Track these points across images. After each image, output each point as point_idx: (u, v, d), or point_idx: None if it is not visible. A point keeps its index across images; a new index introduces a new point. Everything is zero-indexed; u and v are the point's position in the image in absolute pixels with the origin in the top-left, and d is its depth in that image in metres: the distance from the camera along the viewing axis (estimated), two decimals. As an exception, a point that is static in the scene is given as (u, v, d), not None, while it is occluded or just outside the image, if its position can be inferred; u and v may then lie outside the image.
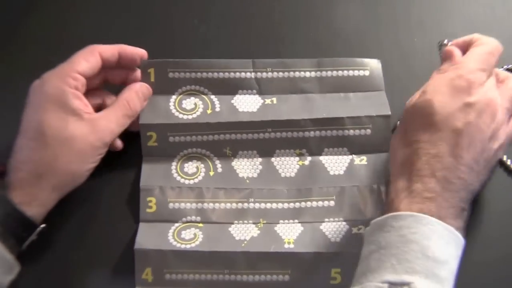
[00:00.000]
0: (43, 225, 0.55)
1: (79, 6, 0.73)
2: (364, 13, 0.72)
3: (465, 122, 0.49)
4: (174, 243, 0.58)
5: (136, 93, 0.61)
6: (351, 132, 0.62)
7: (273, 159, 0.62)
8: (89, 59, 0.58)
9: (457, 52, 0.55)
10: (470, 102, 0.50)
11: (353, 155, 0.62)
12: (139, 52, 0.62)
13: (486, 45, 0.54)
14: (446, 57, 0.55)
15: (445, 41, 0.61)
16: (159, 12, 0.72)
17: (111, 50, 0.60)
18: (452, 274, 0.45)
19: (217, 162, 0.62)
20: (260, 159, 0.62)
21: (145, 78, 0.63)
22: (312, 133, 0.62)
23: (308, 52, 0.68)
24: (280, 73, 0.64)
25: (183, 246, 0.57)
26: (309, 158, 0.62)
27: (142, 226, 0.59)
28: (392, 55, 0.68)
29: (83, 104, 0.56)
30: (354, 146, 0.62)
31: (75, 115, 0.55)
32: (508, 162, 0.61)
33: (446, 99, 0.50)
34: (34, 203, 0.54)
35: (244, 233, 0.58)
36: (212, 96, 0.64)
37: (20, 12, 0.73)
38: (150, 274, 0.57)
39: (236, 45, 0.70)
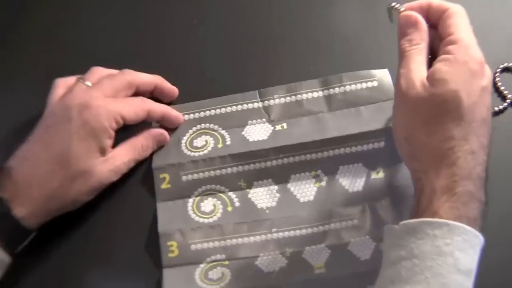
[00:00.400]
0: (34, 233, 0.56)
1: (79, 6, 0.73)
2: (363, 13, 0.71)
3: (487, 108, 0.50)
4: (203, 285, 0.56)
5: (153, 142, 0.62)
6: (365, 147, 0.61)
7: (289, 185, 0.61)
8: (139, 113, 0.60)
9: (421, 19, 0.54)
10: (484, 85, 0.50)
11: (370, 170, 0.61)
12: (174, 93, 0.65)
13: (462, 14, 0.54)
14: (407, 24, 0.54)
15: (396, 4, 0.57)
16: (158, 12, 0.72)
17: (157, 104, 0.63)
18: (473, 277, 0.45)
19: (233, 196, 0.60)
20: (276, 187, 0.61)
21: None
22: (325, 154, 0.61)
23: (308, 52, 0.68)
24: (288, 98, 0.64)
25: (213, 287, 0.56)
26: (325, 179, 0.61)
27: (166, 272, 0.57)
28: (391, 55, 0.65)
29: (111, 143, 0.58)
30: (369, 161, 0.61)
31: (101, 153, 0.57)
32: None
33: (469, 88, 0.49)
34: (35, 219, 0.55)
35: (272, 265, 0.57)
36: (223, 131, 0.63)
37: (20, 12, 0.72)
38: None
39: (235, 45, 0.69)
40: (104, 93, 0.58)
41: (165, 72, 0.66)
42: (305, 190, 0.60)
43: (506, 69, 0.65)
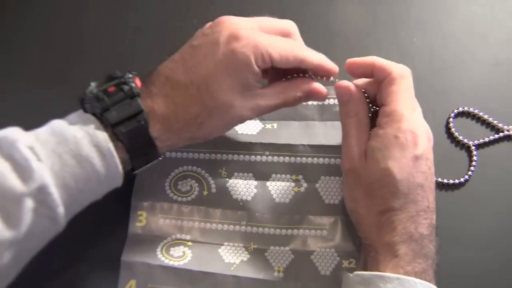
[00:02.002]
0: (161, 157, 0.54)
1: (79, 6, 0.73)
2: (363, 13, 0.71)
3: (424, 175, 0.51)
4: (162, 258, 0.57)
5: (305, 94, 0.56)
6: None
7: (268, 183, 0.61)
8: (290, 59, 0.54)
9: (353, 89, 0.55)
10: (419, 154, 0.51)
11: None
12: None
13: (404, 79, 0.54)
14: (341, 95, 0.55)
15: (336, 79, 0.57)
16: (158, 12, 0.72)
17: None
18: None
19: (212, 182, 0.61)
20: (255, 182, 0.61)
21: None
22: (310, 160, 0.61)
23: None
24: None
25: (171, 262, 0.57)
26: (305, 185, 0.61)
27: (130, 239, 0.59)
28: (391, 55, 0.66)
29: (255, 80, 0.53)
30: None
31: (244, 88, 0.53)
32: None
33: (401, 162, 0.50)
34: (167, 142, 0.53)
35: (233, 256, 0.58)
36: None
37: (20, 12, 0.73)
38: (134, 286, 0.57)
39: None
40: (259, 28, 0.55)
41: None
42: (283, 191, 0.61)
43: (461, 114, 0.64)
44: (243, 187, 0.61)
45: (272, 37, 0.54)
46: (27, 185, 0.44)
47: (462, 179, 0.60)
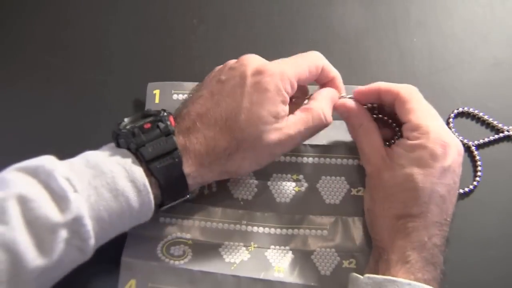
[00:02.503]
0: (188, 196, 0.55)
1: (79, 6, 0.73)
2: (363, 13, 0.71)
3: (446, 188, 0.52)
4: (163, 257, 0.57)
5: (326, 99, 0.57)
6: (350, 161, 0.61)
7: (269, 182, 0.61)
8: (312, 71, 0.56)
9: (351, 104, 0.57)
10: (446, 166, 0.52)
11: (350, 186, 0.61)
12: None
13: (415, 96, 0.55)
14: (343, 113, 0.58)
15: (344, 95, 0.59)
16: (158, 12, 0.72)
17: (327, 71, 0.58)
18: None
19: (213, 181, 0.60)
20: (256, 182, 0.61)
21: (149, 99, 0.64)
22: (310, 159, 0.61)
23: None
24: None
25: (171, 262, 0.57)
26: (305, 185, 0.61)
27: (130, 238, 0.58)
28: (391, 55, 0.68)
29: (285, 109, 0.54)
30: (352, 176, 0.61)
31: (274, 118, 0.52)
32: None
33: (426, 171, 0.51)
34: (198, 179, 0.53)
35: (234, 255, 0.58)
36: None
37: (20, 12, 0.73)
38: (134, 286, 0.57)
39: (235, 45, 0.70)
40: (294, 72, 0.54)
41: (165, 71, 0.67)
42: (284, 191, 0.61)
43: (461, 114, 0.65)
44: (244, 186, 0.61)
45: (291, 60, 0.55)
46: (64, 215, 0.45)
47: (471, 186, 0.61)
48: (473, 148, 0.61)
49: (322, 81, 0.58)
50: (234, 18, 0.71)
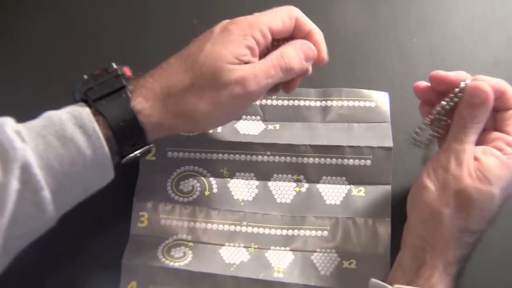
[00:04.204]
0: (151, 145, 0.52)
1: (79, 6, 0.73)
2: (363, 13, 0.71)
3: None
4: (163, 259, 0.57)
5: (295, 48, 0.53)
6: (351, 161, 0.61)
7: (270, 183, 0.61)
8: (285, 21, 0.53)
9: (491, 96, 0.50)
10: None
11: (351, 186, 0.61)
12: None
13: None
14: (476, 96, 0.50)
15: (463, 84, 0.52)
16: (158, 12, 0.72)
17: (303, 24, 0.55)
18: None
19: (213, 182, 0.61)
20: (257, 182, 0.61)
21: None
22: (311, 160, 0.61)
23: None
24: (285, 101, 0.64)
25: (171, 263, 0.57)
26: (306, 185, 0.61)
27: (131, 240, 0.59)
28: (391, 55, 0.68)
29: (249, 54, 0.51)
30: (353, 177, 0.61)
31: (235, 59, 0.50)
32: None
33: (505, 193, 0.49)
34: (153, 118, 0.50)
35: (234, 256, 0.58)
36: None
37: (20, 12, 0.73)
38: None
39: None
40: (265, 20, 0.53)
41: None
42: (284, 191, 0.61)
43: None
44: (244, 187, 0.61)
45: (264, 12, 0.54)
46: (10, 164, 0.44)
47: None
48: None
49: (299, 36, 0.55)
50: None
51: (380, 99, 0.63)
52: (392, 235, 0.57)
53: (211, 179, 0.61)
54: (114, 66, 0.51)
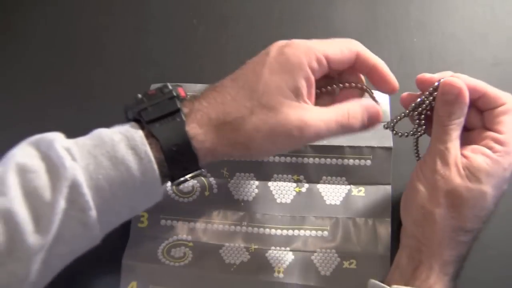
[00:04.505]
0: (203, 170, 0.51)
1: (79, 6, 0.73)
2: (363, 13, 0.71)
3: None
4: (163, 259, 0.57)
5: (362, 110, 0.51)
6: (351, 161, 0.61)
7: (270, 183, 0.61)
8: (344, 52, 0.51)
9: (465, 92, 0.50)
10: (506, 189, 0.50)
11: (351, 186, 0.61)
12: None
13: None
14: (450, 93, 0.50)
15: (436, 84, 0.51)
16: (158, 12, 0.72)
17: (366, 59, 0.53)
18: None
19: (214, 182, 0.61)
20: (257, 183, 0.61)
21: None
22: (311, 160, 0.61)
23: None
24: None
25: (171, 263, 0.57)
26: (306, 186, 0.61)
27: (131, 240, 0.59)
28: (391, 55, 0.68)
29: (307, 91, 0.49)
30: (353, 177, 0.61)
31: (294, 93, 0.49)
32: None
33: (496, 191, 0.49)
34: (206, 144, 0.48)
35: (234, 256, 0.58)
36: None
37: (20, 12, 0.73)
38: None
39: (235, 45, 0.70)
40: (321, 47, 0.51)
41: (165, 72, 0.67)
42: (284, 192, 0.61)
43: None
44: (244, 187, 0.61)
45: (324, 40, 0.52)
46: (59, 183, 0.43)
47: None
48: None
49: (362, 70, 0.53)
50: (234, 18, 0.71)
51: (380, 99, 0.63)
52: (392, 235, 0.57)
53: (211, 179, 0.61)
54: (169, 86, 0.50)
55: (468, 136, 0.52)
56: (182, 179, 0.50)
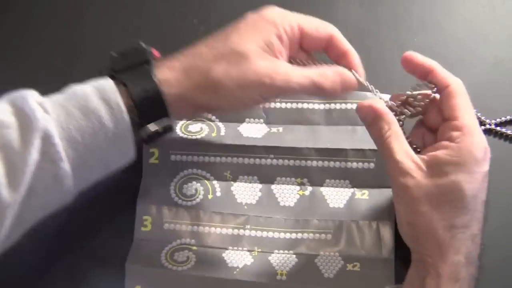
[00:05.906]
0: (171, 124, 0.52)
1: (79, 6, 0.73)
2: (364, 13, 0.71)
3: (485, 192, 0.50)
4: (166, 264, 0.57)
5: (335, 71, 0.53)
6: (354, 165, 0.61)
7: (273, 186, 0.61)
8: (320, 31, 0.54)
9: (383, 109, 0.52)
10: (486, 170, 0.49)
11: (355, 189, 0.61)
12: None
13: (464, 92, 0.52)
14: (368, 117, 0.52)
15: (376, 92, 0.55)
16: (159, 12, 0.72)
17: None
18: None
19: (217, 185, 0.61)
20: (260, 186, 0.61)
21: None
22: (314, 163, 0.61)
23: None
24: (289, 104, 0.64)
25: (174, 267, 0.57)
26: (309, 189, 0.61)
27: (135, 244, 0.59)
28: (392, 55, 0.67)
29: (279, 49, 0.51)
30: (356, 180, 0.61)
31: (267, 46, 0.51)
32: None
33: (472, 177, 0.48)
34: (175, 89, 0.50)
35: (237, 260, 0.58)
36: (219, 123, 0.63)
37: (20, 12, 0.73)
38: None
39: None
40: (296, 15, 0.54)
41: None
42: (288, 195, 0.61)
43: (500, 124, 0.63)
44: (247, 190, 0.61)
45: (305, 15, 0.54)
46: (31, 134, 0.44)
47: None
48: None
49: (334, 53, 0.55)
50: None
51: (383, 99, 0.63)
52: (396, 238, 0.57)
53: (215, 182, 0.61)
54: (143, 45, 0.52)
55: (435, 137, 0.52)
56: (151, 129, 0.51)
